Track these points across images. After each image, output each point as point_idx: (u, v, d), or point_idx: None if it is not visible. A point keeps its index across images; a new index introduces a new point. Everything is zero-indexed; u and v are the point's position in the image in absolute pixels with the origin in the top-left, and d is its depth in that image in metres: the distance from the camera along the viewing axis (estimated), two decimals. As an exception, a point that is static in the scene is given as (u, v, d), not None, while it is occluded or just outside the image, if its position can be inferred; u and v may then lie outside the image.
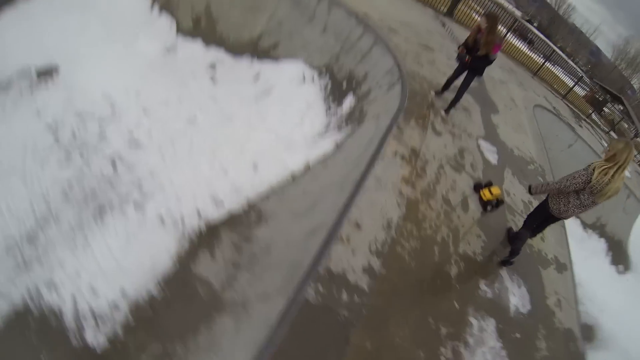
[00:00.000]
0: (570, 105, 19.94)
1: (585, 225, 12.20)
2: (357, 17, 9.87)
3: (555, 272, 6.29)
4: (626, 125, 29.94)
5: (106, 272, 5.62)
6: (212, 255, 5.80)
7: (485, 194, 6.13)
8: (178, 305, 5.12)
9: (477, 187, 6.31)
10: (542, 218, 5.56)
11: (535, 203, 6.50)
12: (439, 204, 5.67)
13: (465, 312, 4.52)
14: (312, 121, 8.56)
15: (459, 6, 17.13)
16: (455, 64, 7.74)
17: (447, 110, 8.01)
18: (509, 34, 19.15)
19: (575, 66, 34.13)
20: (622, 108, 30.60)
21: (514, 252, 5.47)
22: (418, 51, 9.89)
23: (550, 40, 41.97)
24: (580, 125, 17.11)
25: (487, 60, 7.13)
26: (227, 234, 6.18)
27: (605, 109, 31.04)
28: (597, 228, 12.59)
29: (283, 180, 7.12)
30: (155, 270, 5.65)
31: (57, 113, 7.91)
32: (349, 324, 3.54)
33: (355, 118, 8.05)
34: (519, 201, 7.08)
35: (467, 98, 9.18)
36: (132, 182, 7.00)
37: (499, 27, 7.08)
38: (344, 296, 3.72)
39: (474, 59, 7.14)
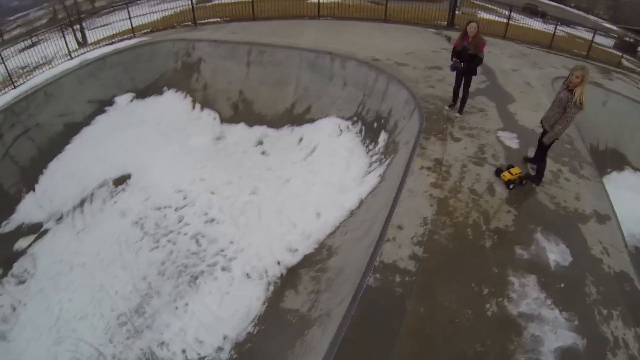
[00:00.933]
0: (595, 62, 19.31)
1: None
2: (368, 64, 11.27)
3: (597, 225, 6.63)
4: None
5: (208, 325, 7.08)
6: (296, 291, 7.07)
7: (506, 175, 6.95)
8: (274, 334, 6.40)
9: (498, 172, 7.14)
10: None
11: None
12: (467, 195, 6.60)
13: (505, 274, 5.26)
14: (356, 164, 9.83)
15: (457, 14, 17.91)
16: (453, 75, 8.95)
17: (460, 112, 9.11)
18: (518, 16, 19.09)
19: (596, 18, 33.22)
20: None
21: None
22: (427, 74, 10.93)
23: (564, 3, 41.37)
24: (611, 79, 16.77)
25: (478, 59, 8.35)
26: (305, 272, 7.45)
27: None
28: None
29: (343, 217, 8.36)
30: (250, 314, 7.03)
31: (140, 211, 9.90)
32: (404, 297, 4.62)
33: (390, 150, 9.25)
34: (546, 171, 7.56)
35: (481, 100, 10.07)
36: (216, 252, 8.55)
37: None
38: (397, 278, 4.85)
39: (466, 62, 8.34)
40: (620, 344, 4.69)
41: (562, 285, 5.31)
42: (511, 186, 6.94)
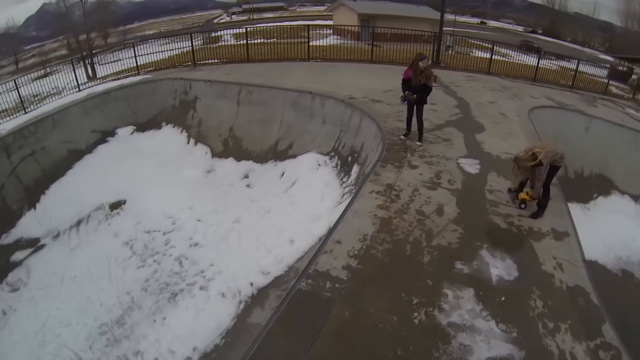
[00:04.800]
0: (580, 92, 19.47)
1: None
2: (344, 101, 12.06)
3: (553, 241, 6.72)
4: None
5: (181, 337, 7.66)
6: (262, 308, 7.56)
7: (522, 195, 7.54)
8: (237, 345, 6.87)
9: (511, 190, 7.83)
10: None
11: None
12: (412, 216, 6.94)
13: (439, 287, 5.43)
14: (330, 195, 10.47)
15: (449, 54, 18.65)
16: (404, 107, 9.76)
17: (420, 140, 9.68)
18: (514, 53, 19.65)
19: (592, 51, 33.84)
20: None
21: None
22: (400, 109, 11.20)
23: (560, 38, 42.15)
24: (595, 106, 16.95)
25: (428, 88, 9.10)
26: (273, 291, 7.95)
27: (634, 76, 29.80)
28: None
29: (312, 243, 8.80)
30: (219, 328, 7.60)
31: (131, 233, 10.79)
32: (331, 301, 4.99)
33: (360, 181, 9.72)
34: (503, 195, 7.98)
35: (449, 130, 10.59)
36: (197, 273, 9.25)
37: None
38: (327, 284, 5.24)
39: (418, 93, 9.06)
40: (567, 357, 4.67)
41: (503, 298, 5.37)
42: (523, 206, 7.49)
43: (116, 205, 12.06)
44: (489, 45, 20.43)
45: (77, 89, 15.76)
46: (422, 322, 4.93)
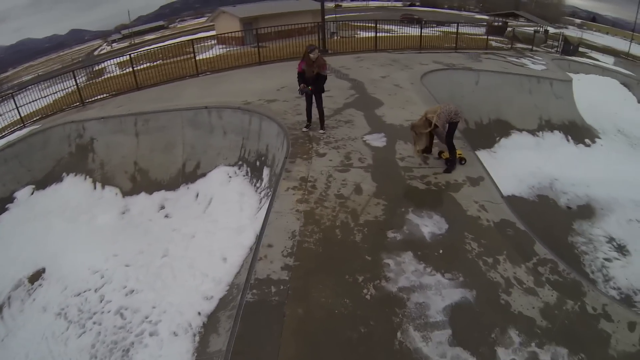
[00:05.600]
0: (464, 51, 21.16)
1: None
2: (241, 109, 11.93)
3: (470, 188, 7.27)
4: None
5: None
6: (217, 333, 7.31)
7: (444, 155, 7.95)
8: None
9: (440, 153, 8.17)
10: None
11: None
12: (333, 202, 7.04)
13: (379, 259, 5.62)
14: (248, 204, 10.33)
15: (334, 40, 19.13)
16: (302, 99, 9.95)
17: (322, 128, 9.86)
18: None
19: (469, 13, 36.67)
20: (522, 20, 32.81)
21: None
22: (296, 103, 11.56)
23: (437, 7, 45.09)
24: (480, 60, 18.36)
25: (323, 77, 9.29)
26: (222, 313, 7.71)
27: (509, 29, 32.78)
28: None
29: (245, 255, 8.68)
30: None
31: (60, 301, 9.84)
32: (281, 304, 4.96)
33: (273, 182, 9.71)
34: (414, 159, 8.35)
35: (348, 112, 10.89)
36: (142, 320, 8.65)
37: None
38: (272, 289, 5.20)
39: (313, 84, 9.22)
40: (513, 282, 5.14)
41: (441, 251, 5.74)
42: (463, 162, 7.99)
43: (36, 277, 10.94)
44: (372, 25, 21.08)
45: None
46: (374, 295, 5.10)
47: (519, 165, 12.98)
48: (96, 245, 11.10)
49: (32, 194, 13.76)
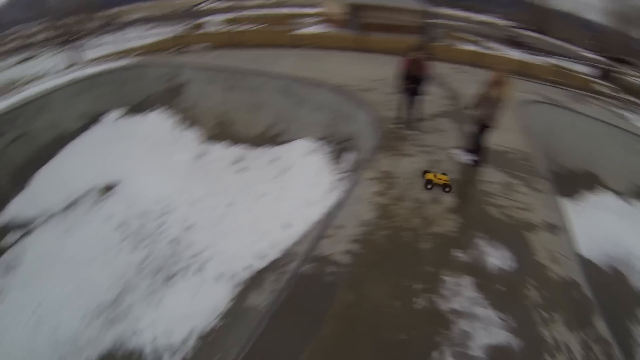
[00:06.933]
0: (566, 88, 19.78)
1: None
2: (337, 89, 12.05)
3: (546, 234, 6.80)
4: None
5: (178, 318, 7.68)
6: (258, 291, 7.60)
7: (429, 176, 7.57)
8: (234, 326, 6.88)
9: (424, 173, 7.78)
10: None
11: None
12: (410, 203, 7.01)
13: (439, 273, 5.53)
14: (324, 181, 10.50)
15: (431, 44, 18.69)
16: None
17: (415, 129, 9.74)
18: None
19: (577, 48, 34.48)
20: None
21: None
22: (390, 98, 11.21)
23: (546, 34, 42.69)
24: (580, 102, 17.21)
25: (425, 80, 9.15)
26: (270, 274, 8.01)
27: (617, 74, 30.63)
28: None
29: (308, 228, 8.88)
30: (216, 311, 7.59)
31: (123, 217, 10.68)
32: (334, 285, 5.04)
33: (354, 167, 9.85)
34: (495, 186, 8.00)
35: (442, 121, 10.61)
36: (192, 256, 9.19)
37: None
38: (330, 269, 5.28)
39: (414, 84, 9.11)
40: (562, 348, 4.78)
41: (500, 287, 5.48)
42: (429, 186, 7.49)
43: (108, 189, 11.90)
44: (474, 39, 20.44)
45: (62, 73, 15.41)
46: (424, 308, 5.02)
47: (598, 226, 12.11)
48: (168, 177, 11.82)
49: (121, 117, 14.84)
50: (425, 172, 7.76)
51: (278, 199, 10.48)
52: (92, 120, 14.59)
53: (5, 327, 8.56)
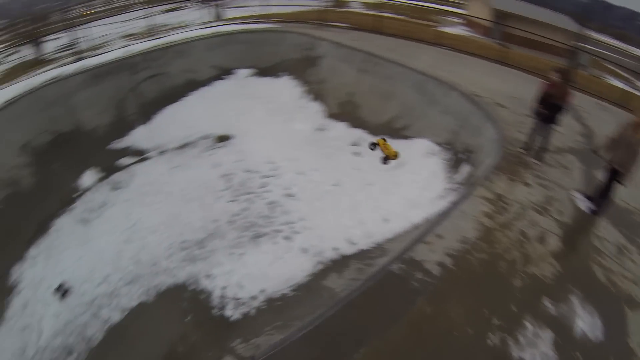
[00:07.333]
0: None
1: None
2: (470, 97, 11.66)
3: None
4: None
5: (252, 276, 8.24)
6: (339, 275, 7.79)
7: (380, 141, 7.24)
8: (304, 301, 7.23)
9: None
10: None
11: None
12: (515, 234, 6.78)
13: (522, 316, 5.32)
14: (435, 187, 10.32)
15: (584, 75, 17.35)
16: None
17: (539, 159, 9.19)
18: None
19: None
20: None
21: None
22: (522, 120, 10.86)
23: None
24: None
25: (563, 108, 8.52)
26: (355, 262, 8.22)
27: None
28: None
29: (406, 229, 8.92)
30: (291, 280, 8.01)
31: (230, 167, 11.59)
32: (417, 292, 5.13)
33: (468, 182, 9.57)
34: (610, 245, 7.30)
35: (570, 158, 9.88)
36: (285, 222, 9.67)
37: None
38: (418, 274, 5.36)
39: (550, 110, 8.54)
40: None
41: (579, 355, 5.10)
42: (372, 148, 7.26)
43: (223, 139, 12.94)
44: (624, 74, 18.47)
45: (205, 26, 16.57)
46: (495, 346, 4.88)
47: None
48: (282, 143, 12.51)
49: (250, 76, 15.82)
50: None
51: (384, 192, 10.55)
52: (224, 72, 15.68)
53: (101, 233, 9.76)
